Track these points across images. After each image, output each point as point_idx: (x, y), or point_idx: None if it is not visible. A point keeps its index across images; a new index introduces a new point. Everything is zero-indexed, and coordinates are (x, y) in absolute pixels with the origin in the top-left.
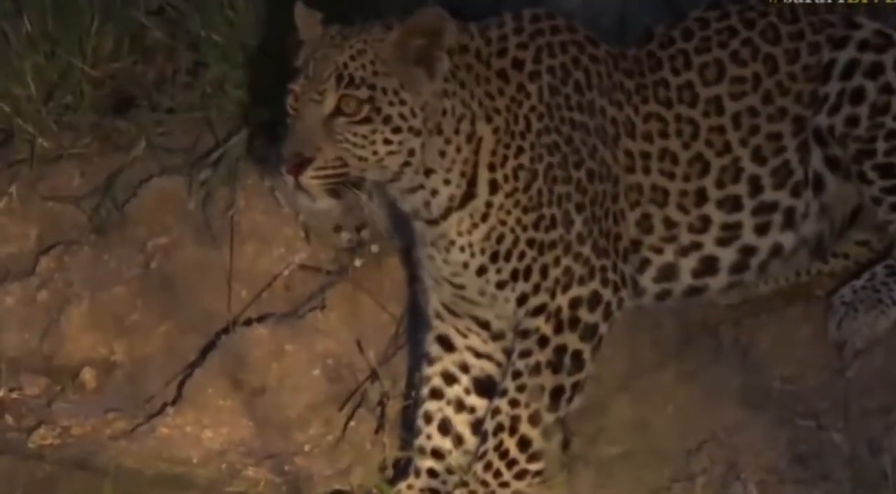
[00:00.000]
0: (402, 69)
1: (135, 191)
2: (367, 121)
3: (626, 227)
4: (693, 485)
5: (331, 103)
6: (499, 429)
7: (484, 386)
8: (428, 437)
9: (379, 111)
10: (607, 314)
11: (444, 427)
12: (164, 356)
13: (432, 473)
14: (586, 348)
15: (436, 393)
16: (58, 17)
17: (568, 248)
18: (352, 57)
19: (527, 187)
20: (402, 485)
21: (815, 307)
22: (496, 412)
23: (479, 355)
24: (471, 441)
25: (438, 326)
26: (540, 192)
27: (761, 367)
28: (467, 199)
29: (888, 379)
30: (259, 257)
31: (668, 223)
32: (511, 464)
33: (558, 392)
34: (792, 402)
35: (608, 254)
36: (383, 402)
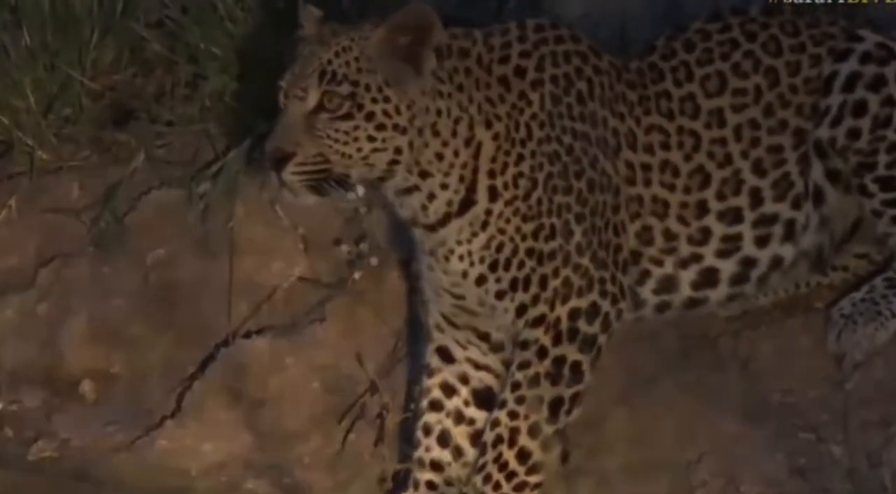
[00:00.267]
0: (389, 66)
1: (134, 204)
2: (349, 117)
3: (626, 239)
4: None
5: (313, 99)
6: (498, 441)
7: (483, 398)
8: (427, 449)
9: (361, 108)
10: (606, 325)
11: (444, 439)
12: (164, 368)
13: (431, 485)
14: (585, 359)
15: (435, 405)
16: (57, 30)
17: (567, 259)
18: (336, 53)
19: (527, 195)
20: None
21: (815, 319)
22: (495, 424)
23: (479, 367)
24: (470, 453)
25: (438, 338)
26: (540, 201)
27: (761, 379)
28: (467, 206)
29: (887, 392)
30: (258, 270)
31: (669, 235)
32: (510, 476)
33: (557, 403)
34: (791, 414)
35: (607, 266)
36: (382, 414)
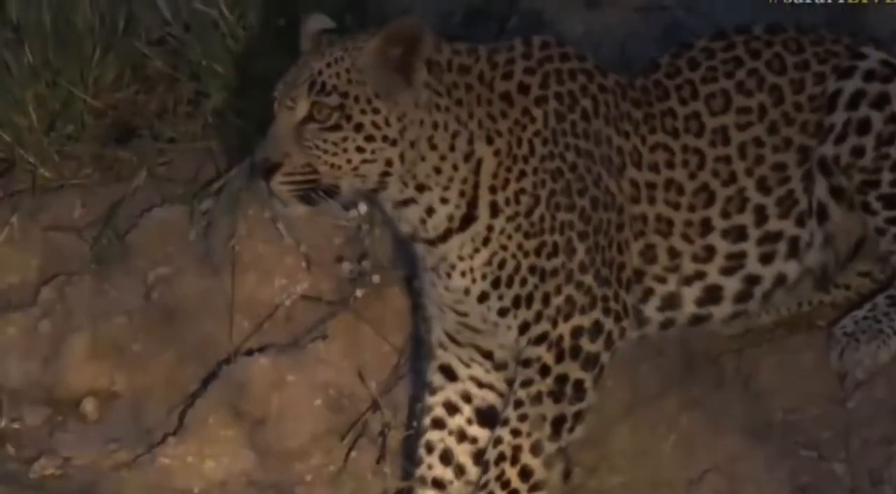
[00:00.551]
0: (380, 77)
1: (136, 221)
2: (337, 128)
3: (630, 257)
4: None
5: (302, 109)
6: (500, 459)
7: (486, 417)
8: (429, 467)
9: (350, 119)
10: (609, 343)
11: (446, 457)
12: (166, 386)
13: None
14: (588, 377)
15: (438, 423)
16: (59, 47)
17: (570, 277)
18: (328, 64)
19: (529, 212)
20: None
21: (817, 337)
22: (498, 442)
23: (482, 385)
24: (472, 471)
25: (441, 356)
26: (542, 218)
27: (763, 397)
28: (468, 222)
29: (890, 410)
30: (260, 287)
31: (672, 253)
32: None
33: (560, 421)
34: (794, 432)
35: (610, 284)
36: (385, 432)
